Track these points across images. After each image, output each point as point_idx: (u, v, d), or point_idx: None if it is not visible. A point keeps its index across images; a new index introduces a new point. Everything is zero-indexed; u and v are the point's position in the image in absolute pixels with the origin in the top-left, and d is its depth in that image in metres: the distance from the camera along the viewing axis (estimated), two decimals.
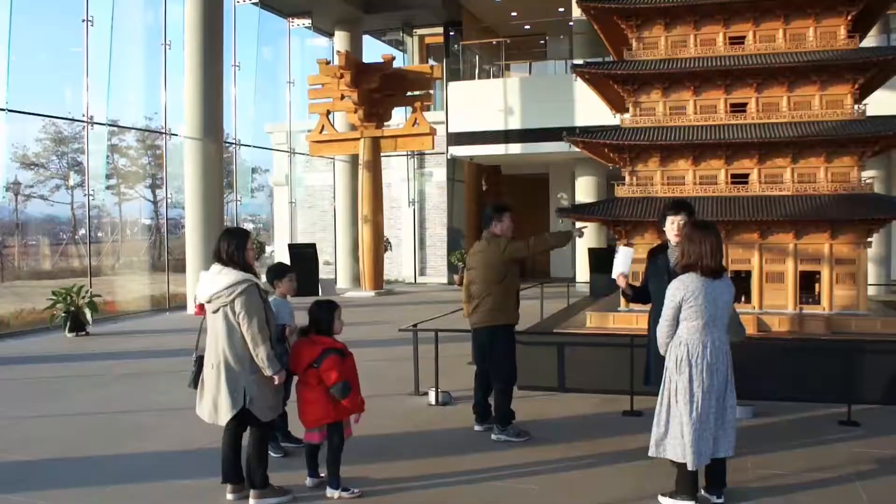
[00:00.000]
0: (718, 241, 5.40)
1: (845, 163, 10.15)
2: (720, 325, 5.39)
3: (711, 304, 5.31)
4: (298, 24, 25.36)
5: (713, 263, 5.32)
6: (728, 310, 5.46)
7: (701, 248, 5.31)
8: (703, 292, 5.29)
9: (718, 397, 5.39)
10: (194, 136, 18.45)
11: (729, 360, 5.47)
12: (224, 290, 5.42)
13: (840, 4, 10.32)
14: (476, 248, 7.58)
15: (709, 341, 5.34)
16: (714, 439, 5.41)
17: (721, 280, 5.38)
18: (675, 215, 6.39)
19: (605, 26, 11.38)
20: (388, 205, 26.06)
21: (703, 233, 5.38)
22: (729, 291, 5.45)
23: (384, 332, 13.05)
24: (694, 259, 5.33)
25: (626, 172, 10.68)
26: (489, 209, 7.64)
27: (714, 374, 5.35)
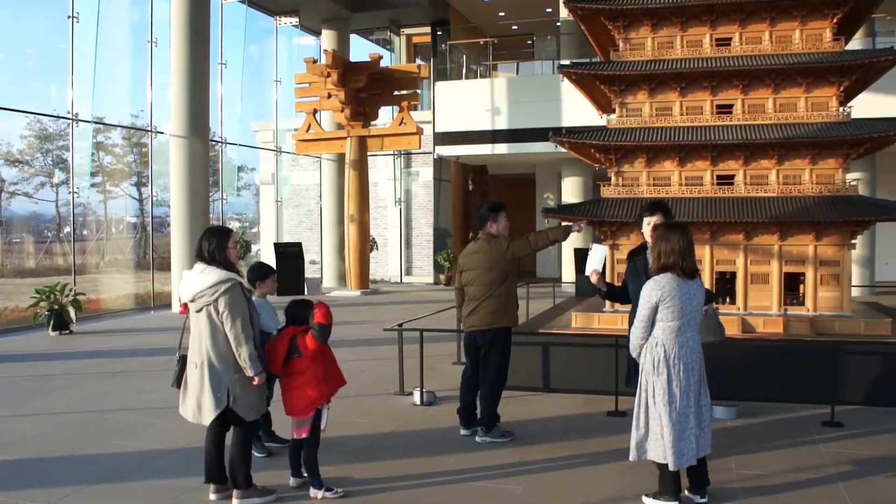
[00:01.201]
0: (691, 243, 5.44)
1: (830, 165, 10.19)
2: (693, 326, 5.44)
3: (687, 305, 5.35)
4: (286, 23, 25.29)
5: (689, 264, 5.37)
6: (700, 311, 5.50)
7: (677, 250, 5.34)
8: (678, 293, 5.33)
9: (695, 396, 5.43)
10: (180, 134, 18.38)
11: (701, 359, 5.51)
12: (207, 290, 5.39)
13: (825, 7, 10.36)
14: (472, 249, 7.48)
15: (683, 341, 5.39)
16: (701, 438, 5.46)
17: (694, 281, 5.43)
18: (651, 216, 6.41)
19: (591, 27, 11.38)
20: (375, 204, 26.03)
21: (678, 234, 5.42)
22: (701, 293, 5.49)
23: (369, 332, 13.04)
24: (672, 260, 5.35)
25: (612, 173, 10.69)
26: (485, 209, 7.53)
27: (690, 374, 5.39)
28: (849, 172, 10.45)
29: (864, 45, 20.65)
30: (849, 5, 10.32)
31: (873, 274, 21.84)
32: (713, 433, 5.64)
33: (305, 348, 5.68)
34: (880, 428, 7.64)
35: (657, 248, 5.45)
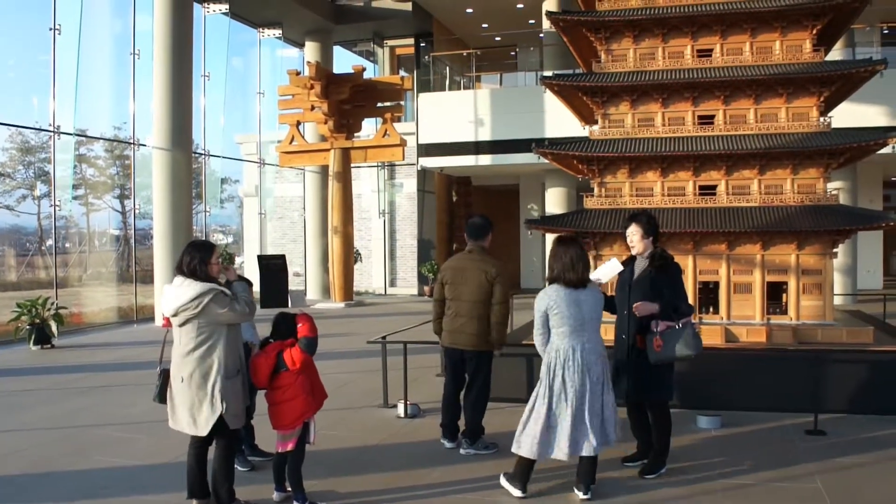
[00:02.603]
0: (578, 255, 5.83)
1: (811, 174, 10.26)
2: (589, 329, 5.78)
3: (576, 311, 5.72)
4: (269, 35, 25.28)
5: (573, 275, 5.75)
6: (595, 316, 5.80)
7: (562, 262, 5.78)
8: (564, 302, 5.74)
9: (592, 396, 5.71)
10: (163, 147, 18.32)
11: (604, 361, 5.83)
12: (191, 303, 5.37)
13: (805, 18, 10.45)
14: (461, 263, 7.36)
15: (578, 345, 5.72)
16: (582, 436, 5.72)
17: (584, 289, 5.78)
18: (628, 227, 6.56)
19: (574, 39, 11.44)
20: (359, 216, 26.01)
21: (564, 248, 5.85)
22: (594, 298, 5.82)
23: (353, 344, 13.00)
24: (557, 272, 5.82)
25: (595, 184, 10.73)
26: (481, 219, 7.45)
27: (587, 374, 5.70)
28: (830, 182, 10.53)
29: (844, 56, 20.86)
30: (828, 17, 10.41)
31: (855, 282, 21.99)
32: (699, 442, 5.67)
33: (292, 362, 5.66)
34: (863, 436, 7.66)
35: (549, 263, 5.94)
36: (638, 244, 6.51)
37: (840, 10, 10.46)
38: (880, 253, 26.88)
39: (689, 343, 6.11)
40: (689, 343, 6.11)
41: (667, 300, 6.23)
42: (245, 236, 29.51)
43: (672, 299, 6.26)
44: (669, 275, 6.37)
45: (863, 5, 10.39)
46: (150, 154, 18.92)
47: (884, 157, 18.32)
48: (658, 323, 6.17)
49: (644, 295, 6.28)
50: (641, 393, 6.42)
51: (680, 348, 6.08)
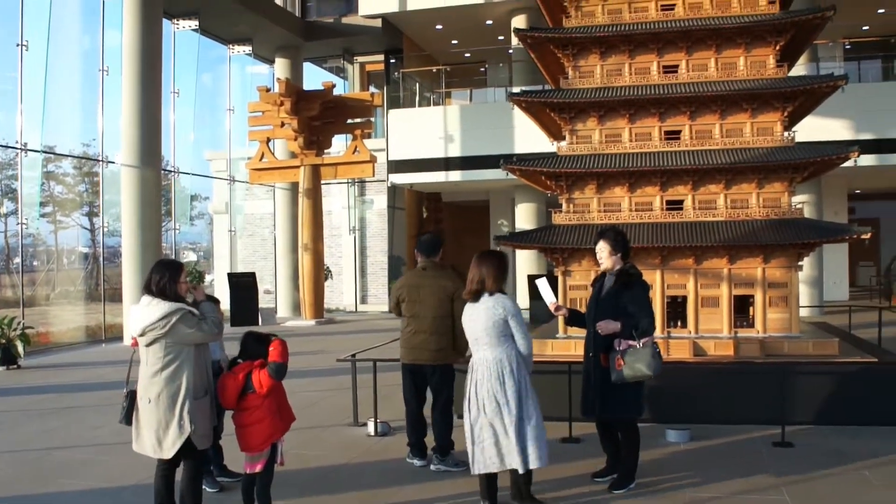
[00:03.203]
0: (484, 269, 5.84)
1: (776, 188, 10.36)
2: (482, 344, 5.76)
3: (470, 326, 5.85)
4: (239, 51, 25.23)
5: (470, 287, 5.86)
6: (486, 330, 5.72)
7: (467, 276, 5.91)
8: (465, 315, 5.94)
9: (492, 412, 5.66)
10: (132, 164, 18.23)
11: (502, 375, 5.68)
12: (158, 322, 5.33)
13: (768, 35, 10.58)
14: (416, 280, 7.38)
15: (476, 359, 5.78)
16: (503, 451, 5.69)
17: (479, 302, 5.80)
18: (597, 244, 6.59)
19: (541, 55, 11.51)
20: (329, 232, 25.95)
21: (474, 262, 5.92)
22: (486, 314, 5.75)
23: (324, 362, 12.96)
24: (465, 287, 5.99)
25: (563, 200, 10.77)
26: (431, 236, 7.56)
27: (478, 387, 5.72)
28: (795, 195, 10.63)
29: (808, 71, 21.13)
30: (790, 33, 10.55)
31: (822, 294, 22.22)
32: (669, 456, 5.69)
33: (260, 385, 5.62)
34: (830, 447, 7.74)
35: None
36: (606, 261, 6.51)
37: (802, 27, 10.61)
38: (846, 264, 27.21)
39: (648, 363, 6.06)
40: (649, 363, 6.06)
41: (629, 318, 6.21)
42: (215, 253, 29.37)
43: (635, 317, 6.22)
44: (634, 292, 6.34)
45: (824, 22, 10.54)
46: (119, 171, 18.80)
47: (848, 170, 18.58)
48: (620, 342, 6.17)
49: (609, 312, 6.27)
50: (607, 411, 6.40)
51: (640, 368, 6.05)
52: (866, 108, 21.16)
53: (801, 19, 10.43)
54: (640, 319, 6.21)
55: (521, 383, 5.68)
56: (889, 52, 26.75)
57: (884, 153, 21.51)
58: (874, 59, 27.41)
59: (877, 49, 27.26)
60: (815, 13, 10.44)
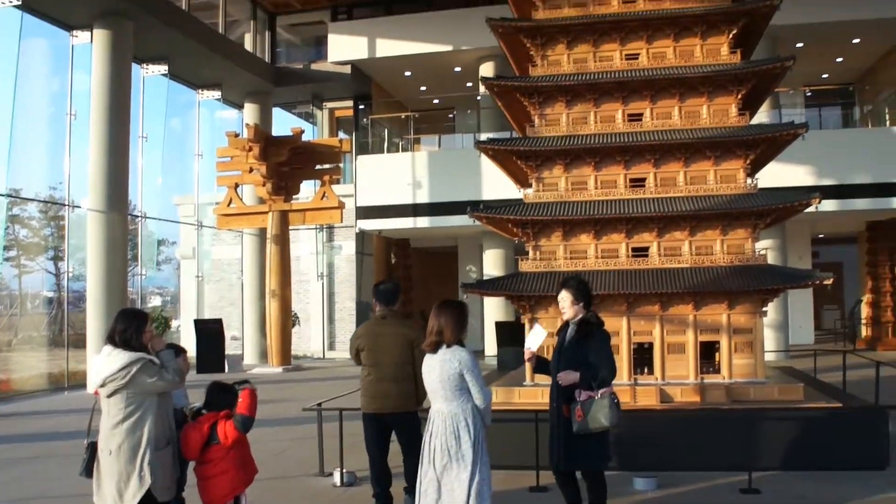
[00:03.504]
0: (443, 320, 5.70)
1: (740, 235, 10.47)
2: (438, 397, 5.65)
3: (427, 377, 5.74)
4: (208, 96, 25.26)
5: (429, 339, 5.71)
6: (442, 383, 5.59)
7: (426, 327, 5.77)
8: (424, 366, 5.79)
9: (441, 467, 5.54)
10: (98, 209, 18.13)
11: (457, 429, 5.55)
12: (119, 373, 5.26)
13: (730, 84, 10.76)
14: (376, 329, 7.36)
15: (433, 410, 5.68)
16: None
17: (437, 354, 5.66)
18: (559, 293, 6.55)
19: (508, 103, 11.62)
20: (297, 278, 25.85)
21: (433, 312, 5.79)
22: (441, 366, 5.60)
23: (290, 410, 12.83)
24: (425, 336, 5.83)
25: (530, 247, 10.81)
26: (390, 285, 7.57)
27: (434, 440, 5.59)
28: (759, 241, 10.75)
29: (770, 117, 21.53)
30: (752, 82, 10.74)
31: (787, 337, 22.40)
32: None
33: (225, 437, 5.55)
34: (795, 493, 7.77)
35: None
36: (569, 310, 6.46)
37: (763, 76, 10.81)
38: (811, 308, 27.53)
39: (606, 414, 5.98)
40: (607, 414, 5.98)
41: (589, 368, 6.14)
42: (182, 299, 29.14)
43: (594, 367, 6.15)
44: (595, 341, 6.27)
45: (784, 71, 10.76)
46: (86, 215, 18.67)
47: (811, 215, 18.83)
48: (580, 392, 6.12)
49: (571, 362, 6.23)
50: (570, 462, 6.31)
51: (598, 419, 5.97)
52: (827, 154, 21.55)
53: (761, 69, 10.64)
54: (600, 369, 6.14)
55: (476, 439, 5.56)
56: (848, 100, 27.36)
57: (845, 198, 21.89)
58: (834, 106, 28.03)
59: (836, 96, 27.88)
60: (776, 63, 10.67)
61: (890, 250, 25.15)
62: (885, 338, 24.50)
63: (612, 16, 11.05)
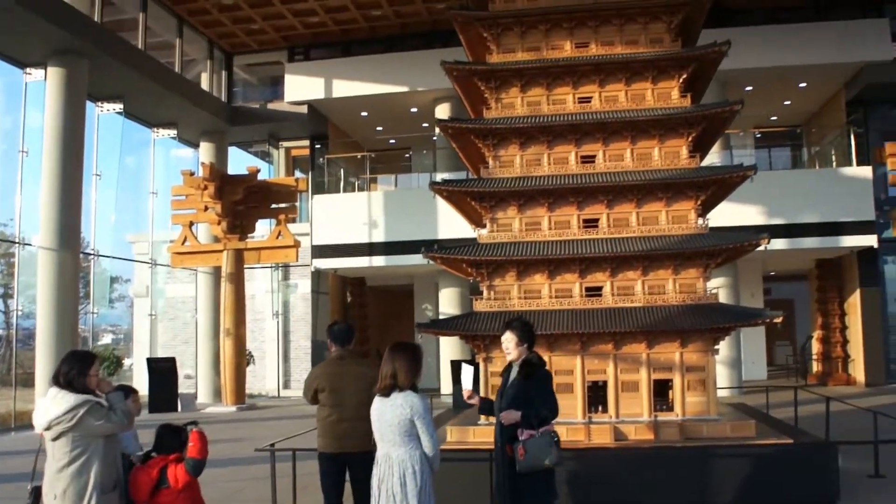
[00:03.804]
0: (398, 364, 5.67)
1: (691, 274, 10.64)
2: (386, 441, 5.61)
3: (376, 421, 5.68)
4: (163, 135, 25.17)
5: (383, 383, 5.67)
6: (393, 428, 5.57)
7: (380, 372, 5.72)
8: (373, 409, 5.73)
9: None
10: (49, 247, 17.92)
11: (403, 476, 5.52)
12: (65, 416, 5.19)
13: (681, 127, 10.99)
14: (336, 370, 7.36)
15: (380, 454, 5.64)
16: None
17: (389, 398, 5.63)
18: (503, 335, 6.56)
19: (462, 145, 11.74)
20: (252, 317, 25.71)
21: (387, 355, 5.75)
22: (391, 410, 5.58)
23: (244, 450, 12.70)
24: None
25: (484, 287, 10.88)
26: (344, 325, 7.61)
27: (381, 484, 5.54)
28: (711, 279, 10.93)
29: (721, 158, 21.97)
30: (702, 125, 10.99)
31: (741, 373, 22.67)
32: None
33: (175, 481, 5.50)
34: None
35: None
36: (513, 351, 6.45)
37: (713, 119, 11.06)
38: (763, 344, 27.92)
39: (545, 451, 6.01)
40: (545, 451, 6.01)
41: (531, 408, 6.16)
42: (135, 337, 28.80)
43: (536, 407, 6.17)
44: (537, 381, 6.30)
45: (733, 115, 11.02)
46: (37, 253, 18.45)
47: (762, 254, 19.18)
48: (523, 431, 6.16)
49: (513, 402, 6.25)
50: (516, 500, 6.29)
51: (539, 457, 5.98)
52: (777, 194, 22.00)
53: (711, 112, 10.89)
54: (542, 408, 6.18)
55: (423, 487, 5.52)
56: (796, 141, 28.02)
57: (795, 237, 22.33)
58: (783, 148, 28.68)
59: (785, 138, 28.54)
60: (725, 106, 10.93)
61: (839, 287, 25.64)
62: (836, 373, 24.89)
63: (565, 60, 11.27)
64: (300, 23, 25.02)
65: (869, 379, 23.44)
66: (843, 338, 25.30)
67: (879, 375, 23.49)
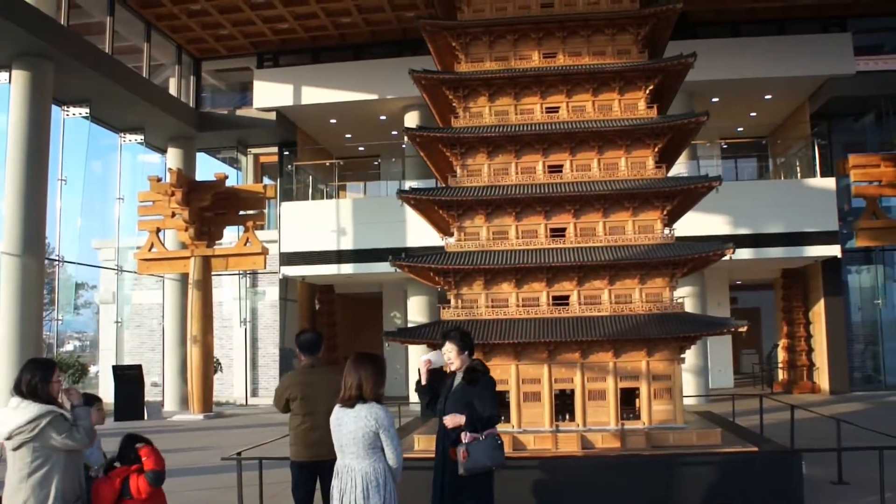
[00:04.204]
0: (363, 374, 5.60)
1: (658, 284, 10.72)
2: (348, 453, 5.51)
3: (336, 431, 5.59)
4: (130, 140, 24.91)
5: (348, 393, 5.59)
6: (356, 440, 5.50)
7: (343, 381, 5.63)
8: (333, 418, 5.65)
9: None
10: (13, 252, 17.68)
11: (367, 489, 5.46)
12: (27, 426, 5.11)
13: (647, 137, 11.09)
14: (308, 378, 7.30)
15: (341, 465, 5.55)
16: None
17: (353, 409, 5.55)
18: (443, 345, 6.59)
19: (430, 153, 11.77)
20: (220, 324, 25.56)
21: (351, 366, 5.68)
22: (355, 422, 5.51)
23: (210, 459, 12.61)
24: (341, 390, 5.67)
25: (452, 295, 10.89)
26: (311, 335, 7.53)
27: (343, 497, 5.46)
28: (677, 289, 11.01)
29: (688, 168, 22.16)
30: (668, 136, 11.09)
31: (707, 382, 22.84)
32: None
33: (138, 492, 5.45)
34: None
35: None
36: (455, 360, 6.47)
37: (679, 131, 11.17)
38: (730, 352, 28.13)
39: (489, 455, 6.06)
40: (490, 455, 6.06)
41: (474, 411, 6.20)
42: (101, 345, 28.49)
43: (479, 411, 6.21)
44: (480, 387, 6.35)
45: (699, 126, 11.14)
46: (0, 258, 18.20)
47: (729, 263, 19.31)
48: (466, 434, 6.20)
49: (456, 406, 6.28)
50: (453, 502, 6.33)
51: (481, 460, 6.03)
52: (743, 204, 22.25)
53: (677, 124, 10.99)
54: (485, 412, 6.22)
55: (387, 499, 5.46)
56: (762, 153, 28.35)
57: (760, 247, 22.58)
58: (749, 158, 29.00)
59: (751, 149, 28.87)
60: (691, 118, 11.04)
61: (804, 297, 25.94)
62: (801, 381, 25.16)
63: (533, 70, 11.34)
64: (269, 29, 24.94)
65: (833, 387, 23.72)
66: (808, 346, 25.60)
67: (843, 383, 23.79)
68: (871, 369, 25.13)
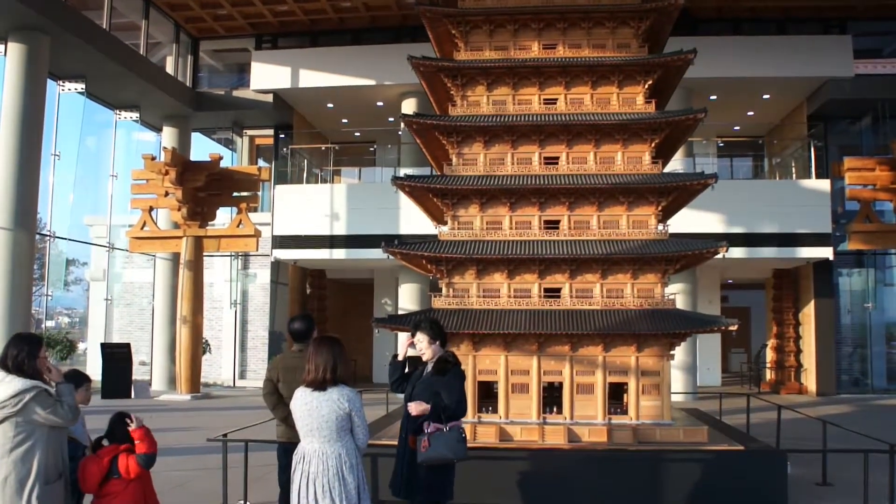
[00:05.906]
0: (335, 356, 5.55)
1: (650, 279, 10.70)
2: (319, 436, 5.45)
3: (307, 415, 5.48)
4: (126, 117, 24.77)
5: (311, 377, 5.52)
6: (328, 422, 5.46)
7: (309, 364, 5.55)
8: (298, 404, 5.54)
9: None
10: (4, 226, 17.60)
11: (340, 471, 5.44)
12: (10, 400, 5.06)
13: (644, 132, 11.06)
14: (294, 363, 7.17)
15: (309, 449, 5.47)
16: None
17: (325, 392, 5.49)
18: (415, 335, 6.60)
19: (427, 141, 11.72)
20: (210, 305, 25.51)
21: (315, 348, 5.62)
22: (328, 405, 5.46)
23: (196, 439, 12.58)
24: (306, 374, 5.58)
25: (444, 284, 10.86)
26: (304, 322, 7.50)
27: (311, 482, 5.39)
28: (669, 285, 11.00)
29: (684, 165, 22.15)
30: (665, 132, 11.06)
31: (696, 379, 22.88)
32: None
33: (127, 472, 5.41)
34: None
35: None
36: (427, 350, 6.51)
37: (676, 127, 11.13)
38: (719, 351, 28.20)
39: (451, 447, 6.05)
40: (452, 447, 6.05)
41: (440, 402, 6.19)
42: (90, 322, 28.41)
43: (445, 402, 6.20)
44: (449, 378, 6.34)
45: (696, 123, 11.10)
46: None
47: (721, 262, 19.37)
48: (430, 424, 6.17)
49: (422, 394, 6.28)
50: (410, 491, 6.31)
51: (443, 451, 6.02)
52: (738, 203, 22.25)
53: (674, 119, 10.96)
54: (451, 403, 6.21)
55: (360, 480, 5.49)
56: (758, 152, 28.36)
57: (753, 247, 22.58)
58: (745, 158, 29.02)
59: (747, 148, 28.88)
60: (689, 114, 11.00)
61: (794, 298, 25.99)
62: (788, 382, 25.23)
63: (532, 61, 11.29)
64: (268, 10, 24.78)
65: (820, 388, 23.80)
66: (797, 347, 25.65)
67: (830, 385, 23.88)
68: (858, 372, 25.22)
